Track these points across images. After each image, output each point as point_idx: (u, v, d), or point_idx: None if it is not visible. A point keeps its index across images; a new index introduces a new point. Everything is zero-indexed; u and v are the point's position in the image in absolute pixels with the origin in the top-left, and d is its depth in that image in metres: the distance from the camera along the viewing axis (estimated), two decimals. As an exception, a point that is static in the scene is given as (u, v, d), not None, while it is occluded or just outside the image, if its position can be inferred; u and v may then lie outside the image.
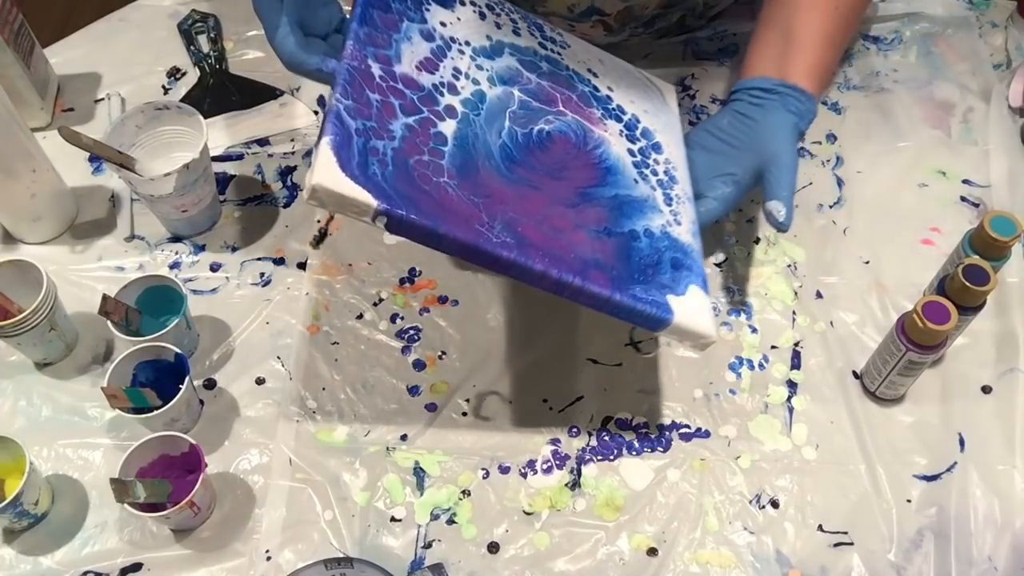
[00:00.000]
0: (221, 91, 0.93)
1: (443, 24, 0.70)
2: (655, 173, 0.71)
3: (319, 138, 0.58)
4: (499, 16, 0.74)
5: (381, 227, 0.57)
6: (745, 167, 0.73)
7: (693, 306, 0.65)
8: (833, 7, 0.76)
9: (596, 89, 0.75)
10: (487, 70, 0.69)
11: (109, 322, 0.71)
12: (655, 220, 0.68)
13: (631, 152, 0.71)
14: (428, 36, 0.68)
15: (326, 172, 0.55)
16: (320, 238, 0.74)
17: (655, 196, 0.69)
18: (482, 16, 0.73)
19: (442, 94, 0.65)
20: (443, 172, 0.60)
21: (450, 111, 0.64)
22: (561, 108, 0.71)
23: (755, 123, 0.74)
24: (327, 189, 0.55)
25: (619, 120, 0.74)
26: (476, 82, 0.68)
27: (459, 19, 0.71)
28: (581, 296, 0.61)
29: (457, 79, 0.67)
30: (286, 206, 0.85)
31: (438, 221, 0.57)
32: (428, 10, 0.70)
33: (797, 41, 0.76)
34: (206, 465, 0.66)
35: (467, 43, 0.70)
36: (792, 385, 0.75)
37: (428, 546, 0.68)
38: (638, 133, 0.74)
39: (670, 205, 0.70)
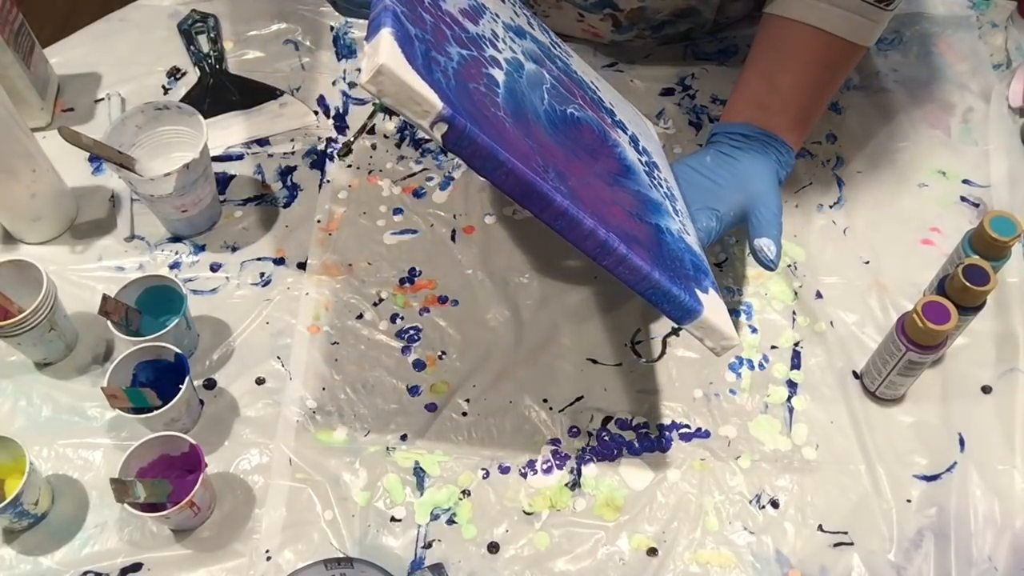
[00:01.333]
0: (221, 91, 0.93)
1: None
2: (661, 185, 0.70)
3: (371, 32, 0.50)
4: (513, 7, 0.73)
5: (437, 136, 0.50)
6: (729, 204, 0.73)
7: (716, 305, 0.63)
8: (822, 66, 0.76)
9: (602, 100, 0.74)
10: (520, 46, 0.65)
11: (109, 322, 0.71)
12: (672, 223, 0.66)
13: (641, 162, 0.71)
14: None
15: (394, 57, 0.48)
16: (348, 151, 0.66)
17: (666, 204, 0.68)
18: (502, 0, 0.70)
19: (486, 45, 0.59)
20: (499, 108, 0.55)
21: (495, 62, 0.59)
22: (580, 102, 0.69)
23: (738, 163, 0.74)
24: (394, 74, 0.48)
25: (624, 132, 0.73)
26: (513, 51, 0.63)
27: None
28: (622, 267, 0.56)
29: (496, 41, 0.62)
30: (286, 206, 0.85)
31: (500, 145, 0.51)
32: None
33: (782, 93, 0.76)
34: (206, 465, 0.66)
35: (497, 16, 0.66)
36: (792, 385, 0.75)
37: (428, 546, 0.68)
38: (640, 148, 0.73)
39: (678, 216, 0.69)
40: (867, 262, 0.81)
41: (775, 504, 0.70)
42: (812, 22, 0.74)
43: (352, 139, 0.65)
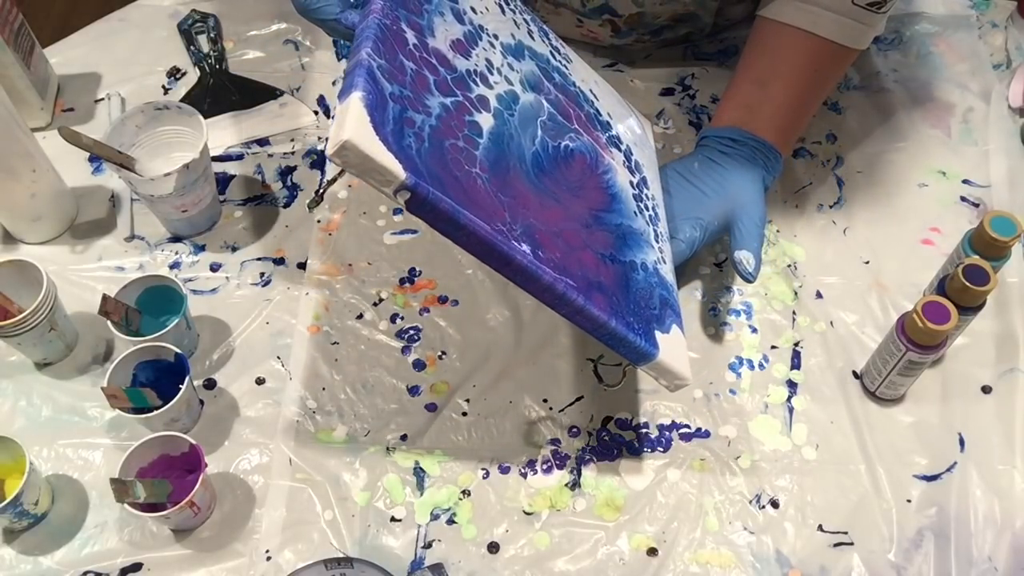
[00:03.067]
0: (221, 91, 0.93)
1: (473, 10, 0.64)
2: (647, 208, 0.70)
3: (343, 93, 0.50)
4: (515, 14, 0.71)
5: (400, 203, 0.51)
6: (714, 213, 0.73)
7: (674, 345, 0.64)
8: (813, 69, 0.76)
9: (599, 113, 0.73)
10: (518, 72, 0.65)
11: (109, 322, 0.71)
12: (650, 255, 0.67)
13: (632, 184, 0.71)
14: (459, 17, 0.62)
15: (359, 130, 0.49)
16: (317, 201, 0.67)
17: (648, 232, 0.69)
18: (502, 10, 0.69)
19: (476, 83, 0.59)
20: (476, 162, 0.55)
21: (483, 103, 0.59)
22: (576, 126, 0.69)
23: (725, 170, 0.74)
24: (358, 149, 0.49)
25: (619, 149, 0.72)
26: (509, 81, 0.63)
27: (487, 9, 0.67)
28: (579, 316, 0.58)
29: (491, 72, 0.62)
30: (286, 206, 0.85)
31: (461, 210, 0.52)
32: None
33: (772, 97, 0.76)
34: (206, 465, 0.66)
35: (496, 36, 0.65)
36: (792, 385, 0.75)
37: (428, 546, 0.68)
38: (632, 165, 0.73)
39: (657, 243, 0.69)
40: (867, 262, 0.81)
41: (775, 504, 0.70)
42: (803, 26, 0.74)
43: (322, 190, 0.66)
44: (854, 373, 0.75)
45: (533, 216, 0.57)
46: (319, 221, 0.84)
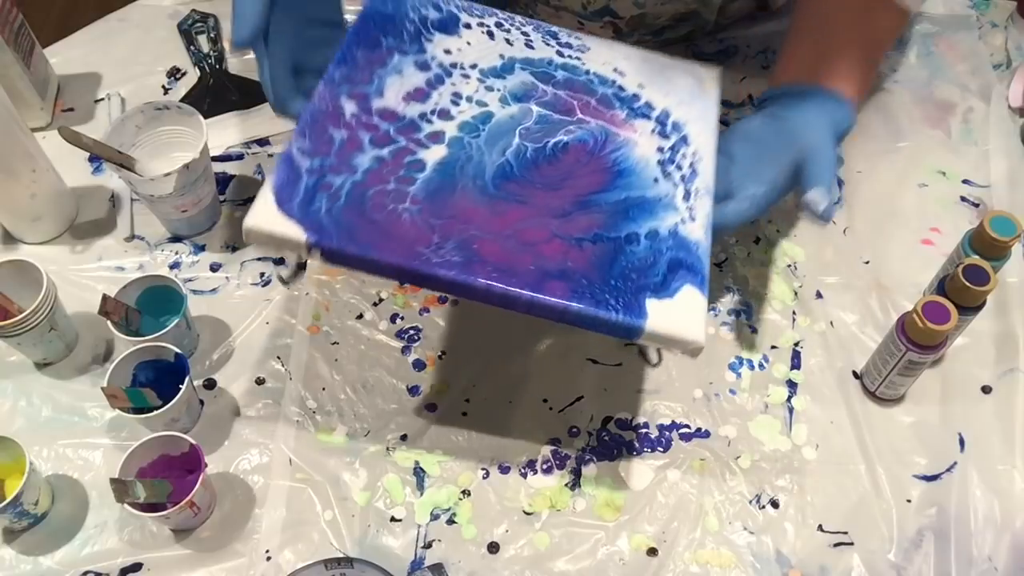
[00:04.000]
0: (221, 91, 0.93)
1: (447, 52, 0.71)
2: (679, 168, 0.69)
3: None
4: (509, 32, 0.74)
5: (317, 259, 0.60)
6: (780, 165, 0.69)
7: (682, 309, 0.62)
8: (869, 27, 0.74)
9: (622, 89, 0.73)
10: (499, 90, 0.70)
11: (109, 322, 0.71)
12: (667, 220, 0.66)
13: (660, 149, 0.69)
14: (424, 66, 0.70)
15: (260, 214, 0.59)
16: (293, 273, 0.74)
17: (674, 193, 0.67)
18: (491, 36, 0.73)
19: (430, 121, 0.67)
20: (405, 198, 0.62)
21: (436, 137, 0.66)
22: (580, 116, 0.70)
23: (789, 121, 0.71)
24: (259, 230, 0.59)
25: (648, 117, 0.71)
26: (482, 103, 0.69)
27: (468, 43, 0.72)
28: (534, 309, 0.60)
29: (457, 103, 0.68)
30: (286, 206, 0.85)
31: (373, 249, 0.59)
32: (429, 41, 0.72)
33: (832, 52, 0.73)
34: (206, 465, 0.66)
35: (474, 66, 0.71)
36: (792, 385, 0.75)
37: (428, 546, 0.68)
38: (669, 128, 0.71)
39: (688, 200, 0.67)
40: (867, 262, 0.81)
41: (775, 504, 0.70)
42: None
43: (291, 273, 0.72)
44: (854, 373, 0.75)
45: (476, 228, 0.62)
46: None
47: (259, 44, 0.66)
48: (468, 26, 0.73)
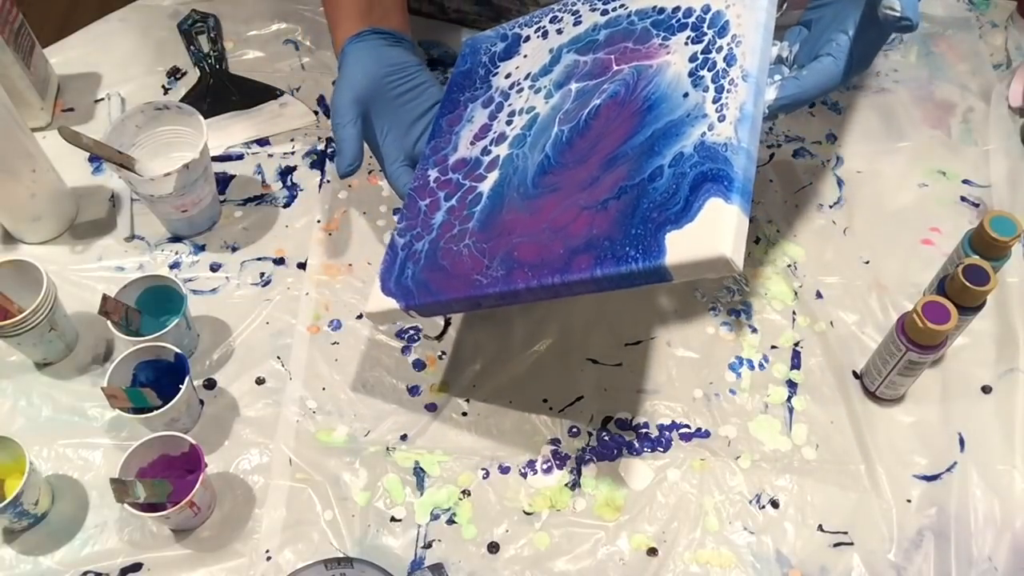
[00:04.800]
0: (221, 91, 0.93)
1: (507, 76, 0.74)
2: (712, 67, 0.64)
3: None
4: (560, 20, 0.74)
5: (417, 318, 0.70)
6: (853, 9, 0.65)
7: (704, 228, 0.56)
8: None
9: (660, 12, 0.69)
10: (544, 87, 0.71)
11: (109, 322, 0.71)
12: (693, 134, 0.61)
13: (693, 57, 0.65)
14: (488, 102, 0.73)
15: (371, 300, 0.69)
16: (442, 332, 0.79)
17: (703, 100, 0.62)
18: (544, 35, 0.74)
19: (489, 152, 0.70)
20: (466, 235, 0.66)
21: (492, 165, 0.69)
22: (615, 67, 0.68)
23: None
24: (371, 313, 0.69)
25: (684, 28, 0.67)
26: (531, 109, 0.70)
27: (525, 56, 0.73)
28: (568, 290, 0.60)
29: (511, 122, 0.71)
30: (286, 206, 0.85)
31: (442, 292, 0.65)
32: (495, 75, 0.75)
33: None
34: (206, 465, 0.66)
35: (527, 76, 0.72)
36: (792, 385, 0.75)
37: (428, 546, 0.68)
38: (707, 25, 0.66)
39: (720, 98, 0.62)
40: (867, 262, 0.81)
41: (775, 504, 0.70)
42: None
43: (440, 332, 0.80)
44: (854, 373, 0.75)
45: (518, 234, 0.64)
46: (319, 221, 0.84)
47: (378, 152, 0.76)
48: (527, 39, 0.74)
